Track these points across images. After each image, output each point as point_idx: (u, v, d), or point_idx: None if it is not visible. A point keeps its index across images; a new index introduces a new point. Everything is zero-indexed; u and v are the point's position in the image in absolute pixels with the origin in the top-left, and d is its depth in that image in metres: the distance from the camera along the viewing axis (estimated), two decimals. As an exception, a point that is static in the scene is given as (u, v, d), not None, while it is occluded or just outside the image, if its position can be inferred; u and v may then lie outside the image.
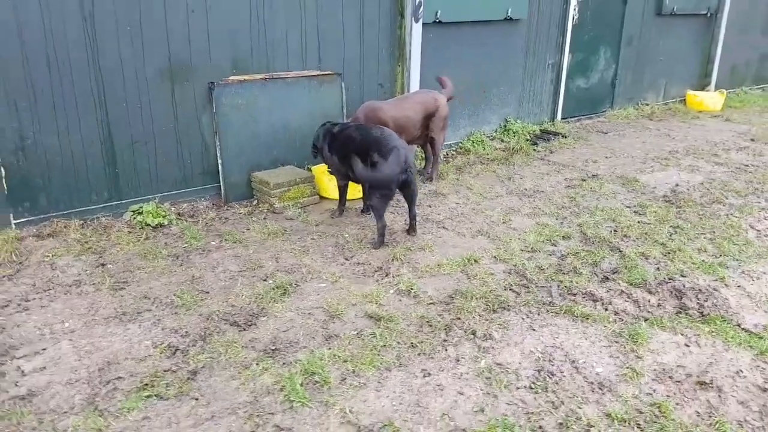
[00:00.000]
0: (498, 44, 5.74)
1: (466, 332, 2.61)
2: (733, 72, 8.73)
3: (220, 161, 4.11)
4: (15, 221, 3.43)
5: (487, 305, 2.83)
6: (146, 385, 2.21)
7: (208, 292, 2.93)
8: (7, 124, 3.32)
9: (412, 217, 3.58)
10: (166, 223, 3.70)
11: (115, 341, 2.50)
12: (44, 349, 2.41)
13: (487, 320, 2.71)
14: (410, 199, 3.49)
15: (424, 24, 4.88)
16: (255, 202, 4.19)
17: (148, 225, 3.63)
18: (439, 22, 5.04)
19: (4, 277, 3.00)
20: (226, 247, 3.46)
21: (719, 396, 2.23)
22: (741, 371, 2.36)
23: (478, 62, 5.59)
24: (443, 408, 2.14)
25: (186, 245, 3.46)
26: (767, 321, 2.72)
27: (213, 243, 3.52)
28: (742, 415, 2.14)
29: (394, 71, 4.98)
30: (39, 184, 3.48)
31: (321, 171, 4.31)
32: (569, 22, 6.28)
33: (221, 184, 4.16)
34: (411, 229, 3.62)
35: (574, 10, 6.28)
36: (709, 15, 7.95)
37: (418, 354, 2.46)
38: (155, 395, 2.17)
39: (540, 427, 2.06)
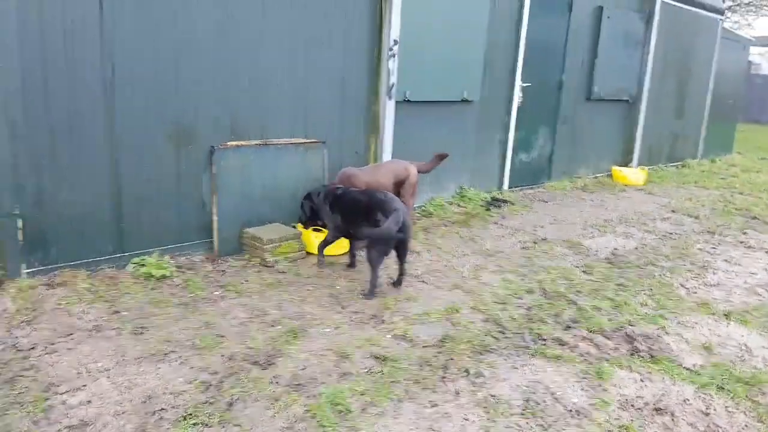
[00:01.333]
0: (455, 121, 6.47)
1: (460, 370, 3.02)
2: (651, 150, 9.98)
3: (215, 218, 4.41)
4: (26, 270, 3.57)
5: (473, 348, 3.26)
6: (190, 414, 2.45)
7: (224, 336, 3.19)
8: (29, 181, 3.54)
9: (402, 273, 4.02)
10: (168, 274, 3.93)
11: (150, 378, 2.71)
12: (85, 386, 2.59)
13: (476, 360, 3.13)
14: (403, 256, 3.94)
15: (395, 102, 5.51)
16: (246, 256, 4.48)
17: (153, 276, 3.84)
18: (408, 101, 5.70)
19: (23, 322, 3.13)
20: (230, 297, 3.73)
21: (672, 419, 2.73)
22: (687, 400, 2.88)
23: (439, 136, 6.26)
24: (454, 431, 2.52)
25: (192, 295, 3.70)
26: (703, 361, 3.30)
27: (216, 293, 3.78)
28: (690, 433, 2.64)
29: (368, 141, 5.54)
30: (51, 236, 3.66)
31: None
32: (514, 104, 7.15)
33: (215, 238, 4.45)
34: (398, 283, 4.04)
35: (519, 94, 7.17)
36: (630, 101, 9.21)
37: (423, 388, 2.83)
38: (201, 423, 2.41)
39: (535, 444, 2.47)
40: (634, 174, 8.85)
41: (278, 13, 4.55)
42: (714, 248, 5.59)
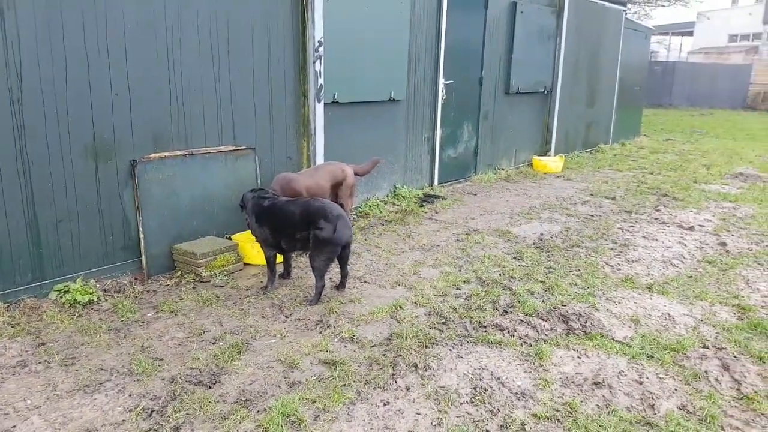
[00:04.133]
0: (385, 121, 6.54)
1: (408, 366, 3.05)
2: (567, 138, 10.52)
3: (142, 235, 4.21)
4: (-68, 308, 3.26)
5: (419, 342, 3.31)
6: (133, 445, 2.33)
7: (162, 359, 3.06)
8: (-73, 208, 3.22)
9: (345, 275, 4.00)
10: (95, 299, 3.71)
11: (86, 411, 2.55)
12: (14, 426, 2.40)
13: (422, 354, 3.18)
14: (345, 260, 3.92)
15: (324, 104, 5.49)
16: (179, 273, 4.31)
17: (78, 303, 3.62)
18: (337, 102, 5.69)
19: (-67, 366, 2.86)
20: (164, 317, 3.58)
21: (610, 391, 2.89)
22: (622, 371, 3.07)
23: (369, 137, 6.31)
24: (408, 427, 2.55)
25: (123, 319, 3.52)
26: (632, 334, 3.52)
27: (149, 314, 3.62)
28: (628, 403, 2.80)
29: (300, 145, 5.48)
30: (-41, 268, 3.36)
31: (243, 238, 4.58)
32: (439, 102, 7.31)
33: (143, 257, 4.25)
34: (341, 286, 4.02)
35: (442, 91, 7.34)
36: (546, 92, 9.65)
37: (374, 388, 2.84)
38: (146, 453, 2.29)
39: (486, 431, 2.54)
40: (552, 162, 9.29)
41: (198, 18, 4.39)
42: (632, 226, 5.97)
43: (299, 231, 3.78)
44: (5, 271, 3.56)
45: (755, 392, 2.89)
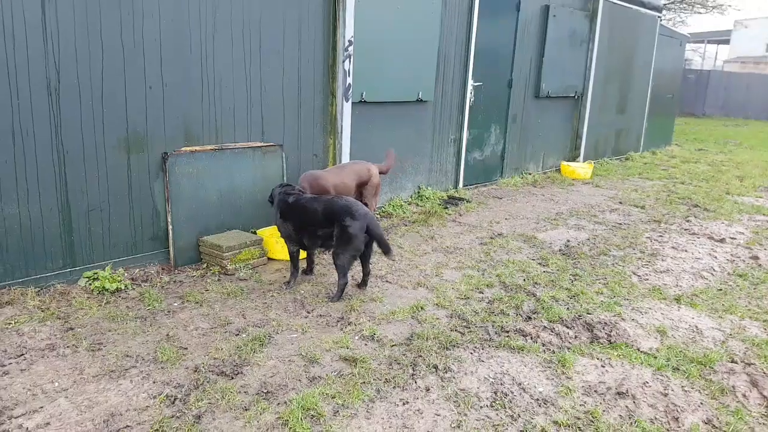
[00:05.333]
0: (411, 122, 6.54)
1: (428, 367, 3.04)
2: (596, 145, 10.36)
3: (170, 227, 4.29)
4: (-31, 290, 3.37)
5: (440, 344, 3.30)
6: (156, 430, 2.37)
7: (186, 348, 3.11)
8: (-32, 194, 3.33)
9: (367, 273, 4.01)
10: (123, 287, 3.79)
11: (111, 396, 2.61)
12: (42, 407, 2.47)
13: (443, 356, 3.17)
14: (368, 258, 3.93)
15: (352, 103, 5.51)
16: (204, 265, 4.38)
17: (107, 290, 3.70)
18: (365, 101, 5.71)
19: (-32, 345, 2.95)
20: (190, 308, 3.63)
21: (634, 402, 2.84)
22: (647, 382, 3.01)
23: (396, 137, 6.31)
24: (426, 427, 2.54)
25: (150, 307, 3.58)
26: (658, 345, 3.45)
27: (175, 304, 3.68)
28: (652, 414, 2.75)
29: (326, 143, 5.51)
30: (-4, 253, 3.47)
31: (269, 233, 4.63)
32: (467, 104, 7.28)
33: (171, 248, 4.32)
34: (363, 284, 4.03)
35: (471, 93, 7.30)
36: (576, 97, 9.52)
37: (394, 387, 2.84)
38: (168, 439, 2.33)
39: (506, 435, 2.52)
40: (581, 168, 9.16)
41: (231, 16, 4.46)
42: (661, 236, 5.85)
43: (321, 228, 3.79)
44: (37, 257, 3.66)
45: (785, 410, 2.80)
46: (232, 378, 2.83)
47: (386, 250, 3.79)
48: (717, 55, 38.61)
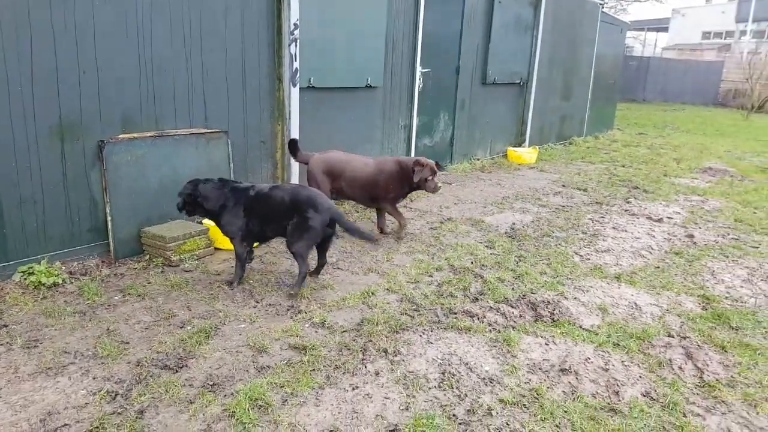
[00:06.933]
0: (361, 108, 6.50)
1: (378, 351, 3.06)
2: (541, 130, 10.61)
3: (109, 218, 4.12)
4: None
5: (390, 328, 3.32)
6: (96, 428, 2.29)
7: (128, 342, 3.01)
8: None
9: (322, 264, 3.99)
10: (60, 282, 3.63)
11: (48, 394, 2.50)
12: (-29, 411, 2.34)
13: (393, 340, 3.19)
14: (326, 250, 3.92)
15: (300, 89, 5.42)
16: (147, 256, 4.24)
17: (43, 285, 3.53)
18: (313, 87, 5.63)
19: None
20: (132, 301, 3.51)
21: (576, 378, 2.94)
22: (589, 358, 3.12)
23: (346, 122, 6.26)
24: (375, 411, 2.56)
25: (89, 302, 3.45)
26: (599, 322, 3.59)
27: (116, 298, 3.55)
28: (594, 389, 2.86)
29: (274, 130, 5.41)
30: None
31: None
32: (416, 90, 7.29)
33: (110, 240, 4.16)
34: (316, 272, 4.00)
35: (419, 79, 7.32)
36: (521, 84, 9.70)
37: (344, 373, 2.84)
38: (109, 436, 2.26)
39: (454, 415, 2.57)
40: (527, 153, 9.38)
41: (166, -2, 4.29)
42: (602, 217, 6.07)
43: (287, 218, 3.67)
44: (-35, 252, 3.46)
45: (717, 380, 2.97)
46: (177, 371, 2.76)
47: (365, 238, 3.85)
48: (657, 42, 40.14)
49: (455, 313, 3.57)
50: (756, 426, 2.63)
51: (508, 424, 2.53)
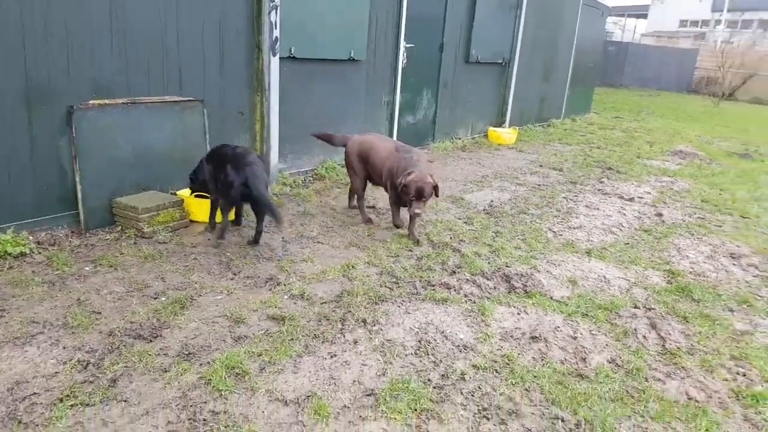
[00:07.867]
0: (344, 81, 6.37)
1: (357, 321, 3.07)
2: (521, 112, 10.64)
3: (79, 187, 4.00)
4: None
5: (370, 299, 3.33)
6: (67, 396, 2.25)
7: (100, 313, 2.95)
8: None
9: (259, 231, 4.05)
10: (27, 251, 3.53)
11: (16, 364, 2.44)
12: (-65, 379, 2.27)
13: (372, 310, 3.20)
14: (259, 216, 3.99)
15: (280, 58, 5.30)
16: (119, 227, 4.14)
17: (9, 254, 3.43)
18: (294, 57, 5.52)
19: None
20: (103, 272, 3.44)
21: (546, 345, 3.00)
22: (558, 327, 3.18)
23: (328, 96, 6.16)
24: (353, 377, 2.57)
25: (58, 272, 3.36)
26: (569, 293, 3.65)
27: (87, 268, 3.47)
28: (562, 356, 2.91)
29: (253, 100, 5.31)
30: None
31: (188, 194, 4.44)
32: (400, 65, 7.18)
33: (80, 210, 4.05)
34: (254, 242, 4.04)
35: (403, 54, 7.23)
36: (504, 64, 9.68)
37: (322, 342, 2.84)
38: (80, 403, 2.22)
39: (429, 380, 2.59)
40: (507, 134, 9.41)
41: (139, -40, 4.13)
42: (576, 196, 6.15)
43: (223, 173, 3.88)
44: (-73, 219, 3.33)
45: (678, 348, 3.07)
46: (151, 341, 2.72)
47: (268, 212, 3.79)
48: (636, 28, 40.42)
49: (433, 285, 3.59)
50: (711, 389, 2.74)
51: (480, 388, 2.57)
